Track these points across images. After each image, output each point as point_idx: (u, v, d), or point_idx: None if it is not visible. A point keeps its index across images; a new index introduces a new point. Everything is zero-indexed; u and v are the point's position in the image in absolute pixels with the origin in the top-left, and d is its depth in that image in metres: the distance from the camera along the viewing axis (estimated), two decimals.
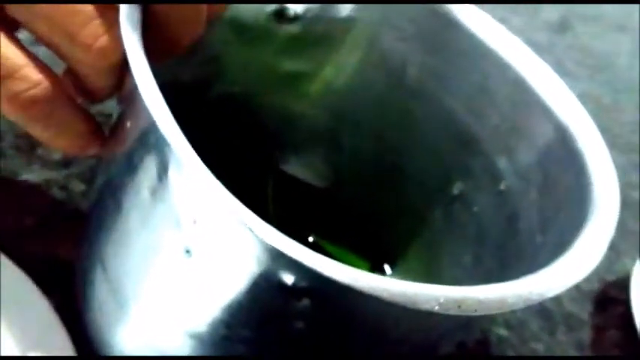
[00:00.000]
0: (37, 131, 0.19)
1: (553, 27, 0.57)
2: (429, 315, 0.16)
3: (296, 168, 0.32)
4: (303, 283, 0.15)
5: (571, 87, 0.25)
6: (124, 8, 0.18)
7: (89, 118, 0.21)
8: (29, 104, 0.18)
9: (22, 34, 0.19)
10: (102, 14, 0.18)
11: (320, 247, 0.29)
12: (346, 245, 0.30)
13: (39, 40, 0.19)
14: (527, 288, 0.17)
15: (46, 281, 0.23)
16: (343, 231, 0.30)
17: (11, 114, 0.19)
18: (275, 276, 0.15)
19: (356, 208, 0.31)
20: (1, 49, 0.18)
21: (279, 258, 0.15)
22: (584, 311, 0.35)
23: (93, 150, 0.21)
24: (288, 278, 0.15)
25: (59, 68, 0.20)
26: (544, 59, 0.26)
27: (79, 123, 0.20)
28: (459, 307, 0.15)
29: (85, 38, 0.18)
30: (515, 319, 0.33)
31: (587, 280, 0.18)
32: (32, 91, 0.18)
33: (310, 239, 0.30)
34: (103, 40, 0.18)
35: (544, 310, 0.34)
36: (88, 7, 0.18)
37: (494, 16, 0.27)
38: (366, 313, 0.17)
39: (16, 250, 0.23)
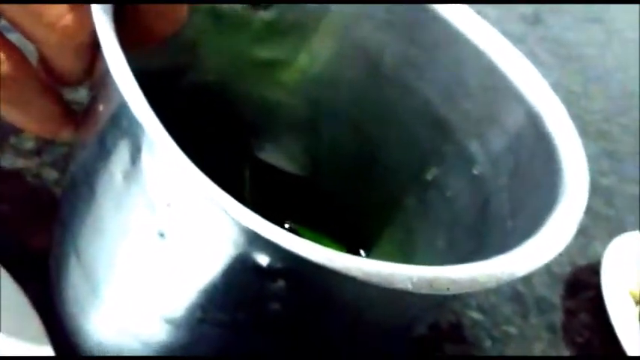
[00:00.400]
0: (8, 113, 0.19)
1: (527, 19, 0.58)
2: (403, 295, 0.16)
3: (273, 156, 0.32)
4: (278, 265, 0.15)
5: (543, 76, 0.25)
6: None
7: (61, 101, 0.20)
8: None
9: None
10: None
11: (296, 232, 0.30)
12: (322, 231, 0.30)
13: (5, 20, 0.18)
14: (498, 268, 0.17)
15: (19, 269, 0.22)
16: (320, 218, 0.31)
17: None
18: (250, 258, 0.16)
19: (333, 195, 0.31)
20: None
21: (254, 239, 0.15)
22: (555, 295, 0.35)
23: (66, 134, 0.20)
24: (263, 259, 0.15)
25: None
26: (519, 50, 0.26)
27: (50, 105, 0.20)
28: (432, 285, 0.16)
29: (50, 17, 0.18)
30: (488, 303, 0.33)
31: (559, 264, 0.19)
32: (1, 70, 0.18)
33: (286, 225, 0.30)
34: (68, 19, 0.18)
35: (516, 294, 0.34)
36: None
37: (470, 8, 0.27)
38: (341, 294, 0.17)
39: None
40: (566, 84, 0.52)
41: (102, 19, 0.17)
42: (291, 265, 0.15)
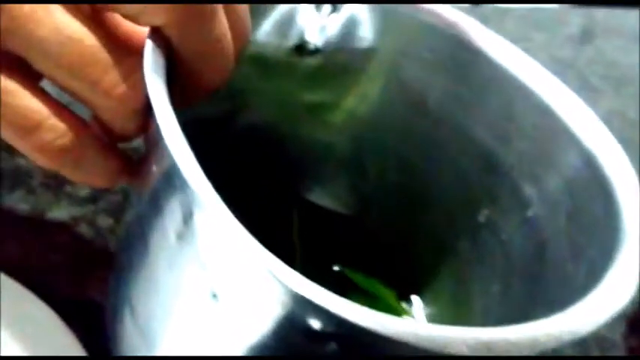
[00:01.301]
0: (69, 174, 0.20)
1: (575, 40, 0.56)
2: (459, 358, 0.15)
3: (321, 197, 0.32)
4: (329, 328, 0.15)
5: (596, 102, 0.24)
6: (148, 54, 0.18)
7: (118, 154, 0.21)
8: (59, 153, 0.19)
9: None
10: (121, 61, 0.19)
11: (345, 276, 0.29)
12: (372, 274, 0.30)
13: (61, 89, 0.19)
14: (558, 327, 0.17)
15: (73, 319, 0.23)
16: (369, 259, 0.30)
17: (43, 163, 0.19)
18: (301, 321, 0.15)
19: (382, 236, 0.31)
20: (27, 101, 0.18)
21: (304, 304, 0.15)
22: (617, 333, 0.34)
23: (123, 182, 0.21)
24: (314, 323, 0.15)
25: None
26: (567, 74, 0.25)
27: (108, 161, 0.21)
28: (489, 349, 0.15)
29: (106, 86, 0.18)
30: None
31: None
32: (60, 140, 0.19)
33: (335, 268, 0.30)
34: (123, 87, 0.18)
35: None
36: (107, 55, 0.18)
37: (516, 33, 0.26)
38: (394, 357, 0.16)
39: (44, 287, 0.23)
40: (620, 109, 0.50)
41: (154, 81, 0.18)
42: (342, 329, 0.15)
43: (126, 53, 0.19)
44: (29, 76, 0.19)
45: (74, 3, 0.18)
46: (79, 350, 0.22)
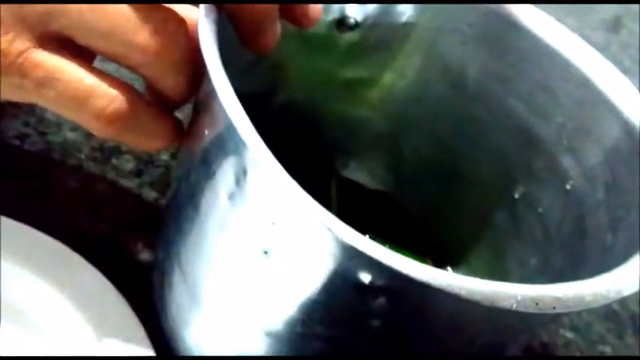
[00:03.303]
0: (126, 139, 0.21)
1: (607, 25, 0.56)
2: (505, 313, 0.16)
3: (356, 172, 0.32)
4: (379, 282, 0.16)
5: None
6: (202, 17, 0.19)
7: (170, 117, 0.22)
8: (114, 117, 0.20)
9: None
10: (149, 17, 0.19)
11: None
12: (407, 247, 0.30)
13: (106, 58, 0.20)
14: (604, 286, 0.17)
15: (123, 283, 0.24)
16: (404, 232, 0.31)
17: (102, 131, 0.20)
18: (352, 275, 0.16)
19: (417, 210, 0.31)
20: (76, 74, 0.19)
21: (356, 257, 0.15)
22: None
23: (176, 143, 0.22)
24: (365, 277, 0.16)
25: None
26: None
27: (162, 123, 0.21)
28: (537, 304, 0.16)
29: (140, 43, 0.19)
30: (581, 321, 0.32)
31: None
32: (113, 105, 0.20)
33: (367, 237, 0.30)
34: (157, 41, 0.19)
35: (610, 312, 0.33)
36: (135, 15, 0.19)
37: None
38: (441, 312, 0.17)
39: (94, 254, 0.24)
40: None
41: (208, 44, 0.18)
42: (393, 282, 0.16)
43: (154, 9, 0.20)
44: (78, 55, 0.20)
45: None
46: (128, 311, 0.23)
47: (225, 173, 0.18)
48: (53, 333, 0.22)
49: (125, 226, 0.27)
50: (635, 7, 0.60)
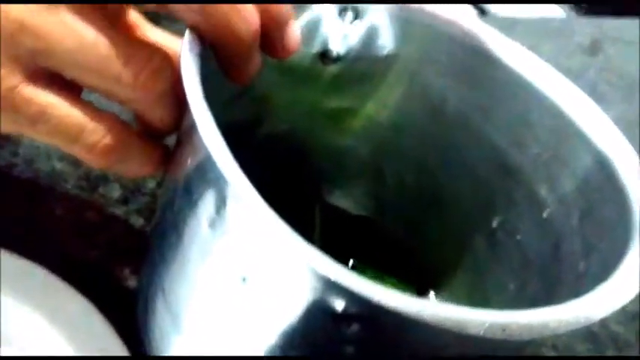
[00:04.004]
0: (118, 169, 0.21)
1: (585, 50, 0.57)
2: (475, 339, 0.16)
3: (341, 199, 0.33)
4: (352, 309, 0.16)
5: (605, 110, 0.25)
6: (185, 50, 0.20)
7: (158, 146, 0.23)
8: (106, 151, 0.21)
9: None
10: (136, 54, 0.20)
11: (359, 271, 0.30)
12: (389, 272, 0.31)
13: (94, 92, 0.21)
14: (571, 313, 0.17)
15: (110, 309, 0.24)
16: (387, 258, 0.31)
17: (94, 164, 0.21)
18: (326, 302, 0.16)
19: (399, 236, 0.32)
20: (68, 111, 0.20)
21: (330, 285, 0.16)
22: (631, 332, 0.34)
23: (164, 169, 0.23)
24: (339, 304, 0.16)
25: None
26: (577, 83, 0.26)
27: (151, 153, 0.22)
28: (504, 331, 0.16)
29: (127, 78, 0.20)
30: (562, 341, 0.32)
31: (633, 301, 0.19)
32: (104, 140, 0.20)
33: (350, 263, 0.31)
34: (143, 76, 0.20)
35: (591, 333, 0.33)
36: (123, 51, 0.20)
37: (525, 43, 0.27)
38: (414, 338, 0.17)
39: (82, 280, 0.25)
40: (630, 117, 0.51)
41: (190, 74, 0.19)
42: (365, 310, 0.16)
43: (139, 46, 0.20)
44: (68, 88, 0.21)
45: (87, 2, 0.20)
46: (114, 337, 0.23)
47: (206, 202, 0.19)
48: (24, 356, 0.23)
49: (112, 253, 0.28)
50: (612, 31, 0.61)
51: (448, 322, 0.16)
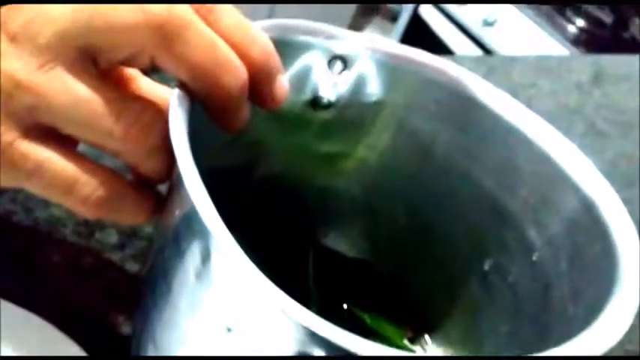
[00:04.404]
0: (112, 218, 0.22)
1: (582, 87, 0.58)
2: None
3: (336, 241, 0.33)
4: None
5: (604, 146, 0.25)
6: (174, 104, 0.20)
7: (152, 194, 0.23)
8: (99, 203, 0.21)
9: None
10: (128, 108, 0.21)
11: (354, 314, 0.30)
12: (384, 314, 0.31)
13: (88, 145, 0.21)
14: None
15: (104, 357, 0.24)
16: (381, 300, 0.31)
17: (89, 215, 0.21)
18: (307, 352, 0.17)
19: (394, 278, 0.32)
20: (61, 165, 0.21)
21: (311, 337, 0.16)
22: None
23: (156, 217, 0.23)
24: (319, 354, 0.17)
25: None
26: (575, 120, 0.26)
27: (144, 202, 0.23)
28: None
29: (119, 133, 0.21)
30: None
31: (630, 341, 0.19)
32: (97, 192, 0.21)
33: (344, 306, 0.31)
34: (135, 130, 0.21)
35: None
36: (115, 106, 0.21)
37: (523, 80, 0.28)
38: None
39: (78, 326, 0.25)
40: (627, 153, 0.51)
41: (177, 129, 0.20)
42: None
43: (131, 101, 0.21)
44: (63, 142, 0.21)
45: None
46: None
47: (193, 253, 0.19)
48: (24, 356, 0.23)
49: (108, 299, 0.28)
50: (610, 69, 0.62)
51: None
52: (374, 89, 0.29)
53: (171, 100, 0.21)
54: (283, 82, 0.24)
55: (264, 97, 0.24)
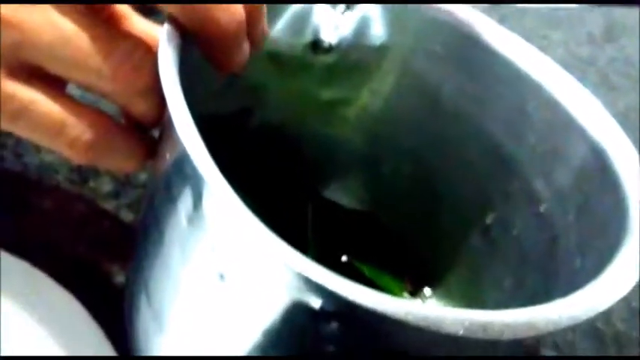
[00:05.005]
0: (102, 164, 0.21)
1: (595, 40, 0.56)
2: (458, 340, 0.16)
3: (336, 192, 0.32)
4: (329, 308, 0.16)
5: (616, 100, 0.24)
6: (163, 43, 0.19)
7: (145, 139, 0.22)
8: (87, 147, 0.20)
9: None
10: (117, 47, 0.20)
11: (353, 266, 0.30)
12: (385, 267, 0.30)
13: (78, 86, 0.20)
14: (557, 312, 0.17)
15: (97, 306, 0.24)
16: (382, 254, 0.31)
17: (76, 159, 0.20)
18: (303, 300, 0.16)
19: (395, 230, 0.31)
20: (49, 106, 0.20)
21: (305, 283, 0.16)
22: (634, 329, 0.34)
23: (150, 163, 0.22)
24: (316, 302, 0.16)
25: None
26: (587, 73, 0.25)
27: (136, 147, 0.22)
28: (485, 330, 0.16)
29: (108, 72, 0.20)
30: (564, 339, 0.32)
31: (635, 299, 0.18)
32: (86, 135, 0.20)
33: (343, 258, 0.31)
34: (125, 69, 0.20)
35: (594, 330, 0.33)
36: (104, 44, 0.20)
37: (535, 31, 0.26)
38: (394, 336, 0.17)
39: (70, 275, 0.24)
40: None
41: (167, 69, 0.19)
42: (342, 308, 0.16)
43: (121, 38, 0.20)
44: (51, 83, 0.20)
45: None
46: (99, 335, 0.23)
47: (185, 198, 0.18)
48: (22, 357, 0.23)
49: (102, 248, 0.27)
50: (623, 20, 0.60)
51: (424, 321, 0.15)
52: (378, 31, 0.27)
53: (161, 36, 0.19)
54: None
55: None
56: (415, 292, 0.30)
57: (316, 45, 0.27)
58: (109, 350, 0.23)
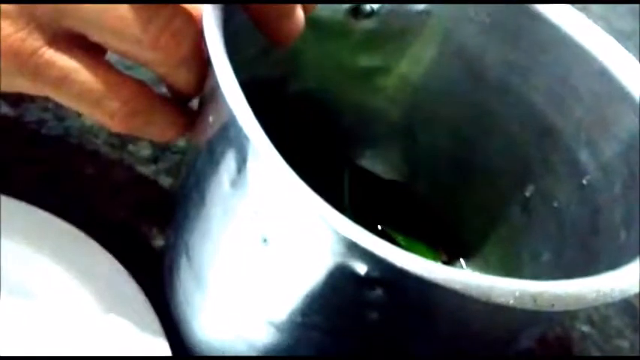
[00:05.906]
0: (141, 134, 0.21)
1: (635, 13, 0.54)
2: (506, 309, 0.16)
3: (372, 162, 0.32)
4: (375, 273, 0.16)
5: None
6: (207, 8, 0.19)
7: (183, 109, 0.22)
8: (128, 118, 0.20)
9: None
10: (157, 14, 0.19)
11: (388, 236, 0.30)
12: (421, 238, 0.30)
13: (117, 54, 0.20)
14: (608, 284, 0.16)
15: (137, 268, 0.24)
16: (417, 224, 0.30)
17: (115, 128, 0.20)
18: (348, 266, 0.16)
19: (431, 201, 0.31)
20: (90, 76, 0.20)
21: (352, 248, 0.15)
22: None
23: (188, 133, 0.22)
24: (361, 268, 0.16)
25: None
26: (626, 47, 0.25)
27: (176, 117, 0.22)
28: (535, 301, 0.15)
29: (148, 40, 0.19)
30: (598, 315, 0.31)
31: None
32: (126, 106, 0.20)
33: (379, 228, 0.30)
34: (165, 38, 0.19)
35: (629, 307, 0.32)
36: (143, 12, 0.19)
37: (575, 5, 0.26)
38: (441, 305, 0.17)
39: (109, 239, 0.25)
40: None
41: (212, 35, 0.18)
42: (389, 274, 0.16)
43: (161, 7, 0.20)
44: (92, 51, 0.20)
45: None
46: (142, 298, 0.23)
47: (228, 161, 0.18)
48: (66, 318, 0.23)
49: (141, 212, 0.28)
50: None
51: (475, 289, 0.15)
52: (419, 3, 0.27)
53: (205, 6, 0.19)
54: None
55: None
56: (449, 263, 0.30)
57: (357, 10, 0.27)
58: (149, 311, 0.23)
